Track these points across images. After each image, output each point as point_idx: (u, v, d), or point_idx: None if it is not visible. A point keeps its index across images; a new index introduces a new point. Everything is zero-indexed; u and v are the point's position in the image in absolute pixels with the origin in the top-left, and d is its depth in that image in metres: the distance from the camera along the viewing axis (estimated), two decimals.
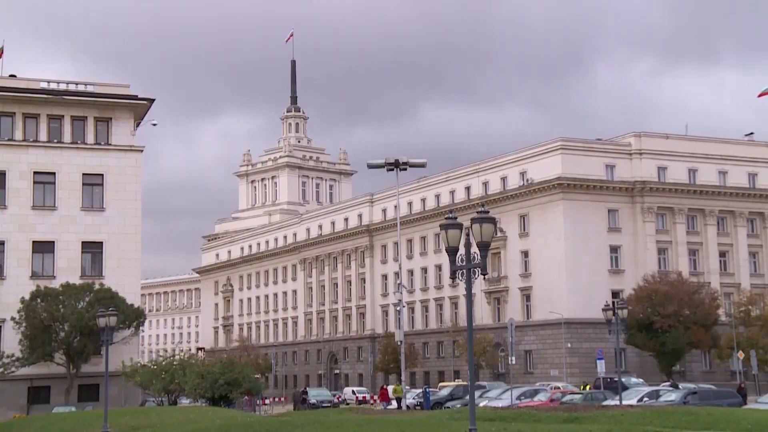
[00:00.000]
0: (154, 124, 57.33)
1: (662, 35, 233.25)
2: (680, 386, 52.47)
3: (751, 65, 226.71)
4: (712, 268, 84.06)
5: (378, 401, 72.54)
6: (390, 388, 55.92)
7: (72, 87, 52.58)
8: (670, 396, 42.62)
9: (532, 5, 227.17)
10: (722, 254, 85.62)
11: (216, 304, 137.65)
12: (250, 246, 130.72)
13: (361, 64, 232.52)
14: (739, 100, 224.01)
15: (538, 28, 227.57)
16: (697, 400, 39.98)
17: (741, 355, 68.77)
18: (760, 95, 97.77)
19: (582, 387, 58.06)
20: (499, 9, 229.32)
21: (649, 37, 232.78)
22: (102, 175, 51.21)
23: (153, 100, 53.20)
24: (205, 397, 42.08)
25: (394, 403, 53.55)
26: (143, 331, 62.42)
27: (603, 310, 46.11)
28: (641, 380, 62.16)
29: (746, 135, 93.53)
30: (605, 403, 40.94)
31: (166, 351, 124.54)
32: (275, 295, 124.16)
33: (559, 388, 57.35)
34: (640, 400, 42.62)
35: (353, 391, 78.86)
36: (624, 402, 39.91)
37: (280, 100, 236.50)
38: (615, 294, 74.83)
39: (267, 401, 73.69)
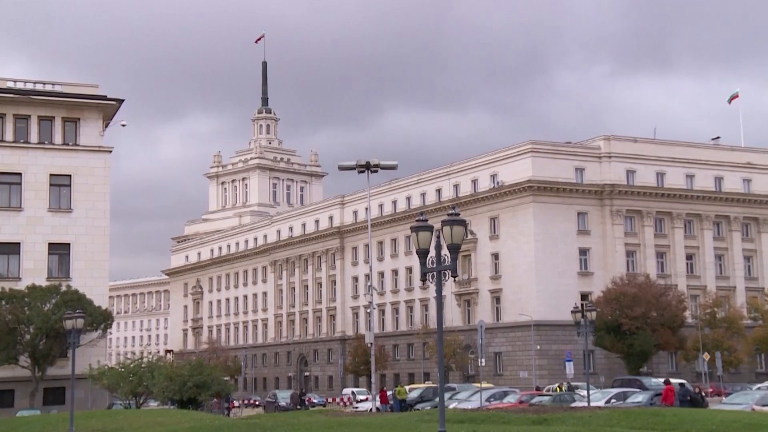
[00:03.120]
0: (124, 125, 56.73)
1: (617, 41, 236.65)
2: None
3: (705, 72, 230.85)
4: (679, 271, 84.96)
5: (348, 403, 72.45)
6: (391, 391, 55.60)
7: (39, 87, 51.93)
8: (638, 397, 43.03)
9: (490, 10, 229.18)
10: (689, 257, 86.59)
11: (185, 306, 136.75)
12: (220, 248, 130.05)
13: (327, 67, 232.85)
14: (692, 105, 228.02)
15: (496, 32, 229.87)
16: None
17: (707, 356, 69.60)
18: (730, 100, 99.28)
19: (558, 388, 58.43)
20: (458, 14, 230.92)
21: (604, 42, 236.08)
22: (70, 175, 50.56)
23: (122, 100, 52.69)
24: (174, 400, 41.75)
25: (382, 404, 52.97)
26: (111, 333, 61.81)
27: (572, 312, 46.37)
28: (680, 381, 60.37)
29: (713, 139, 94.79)
30: (574, 404, 41.25)
31: (134, 353, 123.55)
32: (245, 297, 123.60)
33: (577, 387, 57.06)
34: (608, 401, 42.99)
35: (353, 392, 75.05)
36: (592, 403, 40.21)
37: (247, 102, 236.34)
38: (584, 296, 75.41)
39: (236, 403, 73.29)
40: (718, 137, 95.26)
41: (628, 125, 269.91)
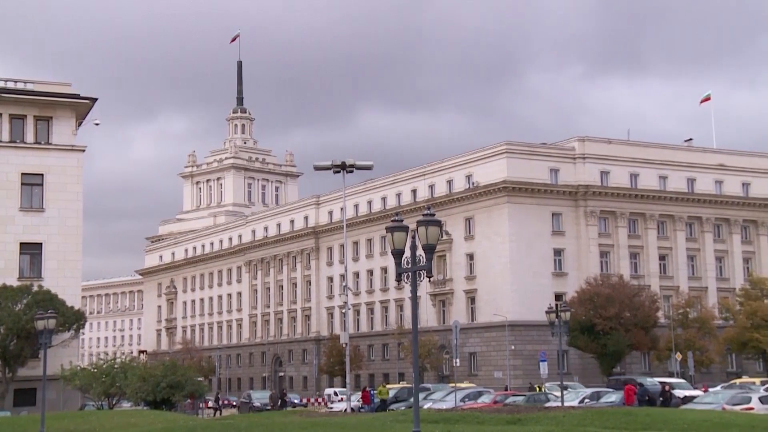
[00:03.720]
0: (97, 124, 56.36)
1: (589, 43, 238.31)
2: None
3: (677, 74, 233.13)
4: (652, 271, 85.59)
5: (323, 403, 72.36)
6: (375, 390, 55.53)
7: (11, 85, 51.33)
8: (611, 397, 43.34)
9: (463, 12, 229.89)
10: (662, 257, 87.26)
11: (159, 307, 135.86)
12: (195, 248, 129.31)
13: (302, 67, 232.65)
14: (663, 107, 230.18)
15: (470, 33, 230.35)
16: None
17: (679, 356, 70.22)
18: (702, 101, 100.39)
19: (537, 388, 58.92)
20: (432, 15, 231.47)
21: (576, 44, 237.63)
22: (42, 175, 50.06)
23: (95, 99, 52.22)
24: (147, 401, 41.50)
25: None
26: (83, 333, 61.20)
27: (546, 312, 46.64)
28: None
29: (685, 141, 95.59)
30: (548, 404, 41.48)
31: (107, 354, 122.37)
32: (219, 297, 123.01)
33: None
34: (582, 401, 43.29)
35: (335, 392, 73.30)
36: (566, 403, 40.46)
37: (222, 101, 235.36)
38: (558, 297, 75.79)
39: (210, 404, 73.01)
40: (690, 139, 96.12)
41: (601, 126, 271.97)
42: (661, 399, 42.09)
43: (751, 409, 36.27)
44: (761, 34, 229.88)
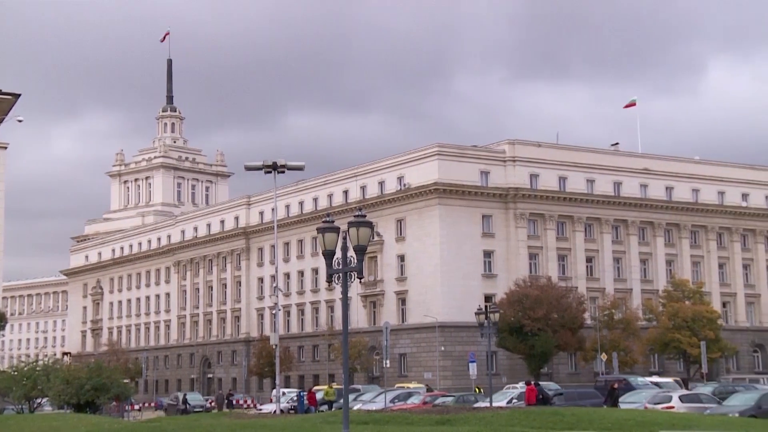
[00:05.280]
0: (20, 120, 54.41)
1: (514, 47, 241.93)
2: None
3: (599, 79, 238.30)
4: (579, 273, 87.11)
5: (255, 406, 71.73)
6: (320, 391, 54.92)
7: None
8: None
9: (392, 14, 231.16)
10: (589, 260, 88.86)
11: (84, 308, 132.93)
12: (122, 248, 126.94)
13: (232, 66, 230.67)
14: (587, 112, 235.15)
15: (398, 36, 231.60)
16: (563, 401, 41.40)
17: (604, 356, 71.69)
18: (626, 106, 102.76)
19: (477, 390, 59.45)
20: (361, 17, 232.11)
21: (502, 48, 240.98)
22: None
23: (19, 95, 50.65)
24: (71, 404, 40.54)
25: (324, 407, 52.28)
26: (4, 335, 59.46)
27: (476, 314, 47.05)
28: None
29: (612, 145, 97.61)
30: (476, 405, 41.88)
31: (28, 356, 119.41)
32: (147, 298, 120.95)
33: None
34: (510, 401, 43.81)
35: (283, 392, 70.59)
36: (494, 404, 40.90)
37: (151, 100, 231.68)
38: (488, 298, 76.50)
39: (136, 406, 71.81)
40: (617, 143, 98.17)
41: (528, 130, 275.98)
42: (609, 399, 42.39)
43: (672, 407, 37.32)
44: (678, 42, 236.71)
